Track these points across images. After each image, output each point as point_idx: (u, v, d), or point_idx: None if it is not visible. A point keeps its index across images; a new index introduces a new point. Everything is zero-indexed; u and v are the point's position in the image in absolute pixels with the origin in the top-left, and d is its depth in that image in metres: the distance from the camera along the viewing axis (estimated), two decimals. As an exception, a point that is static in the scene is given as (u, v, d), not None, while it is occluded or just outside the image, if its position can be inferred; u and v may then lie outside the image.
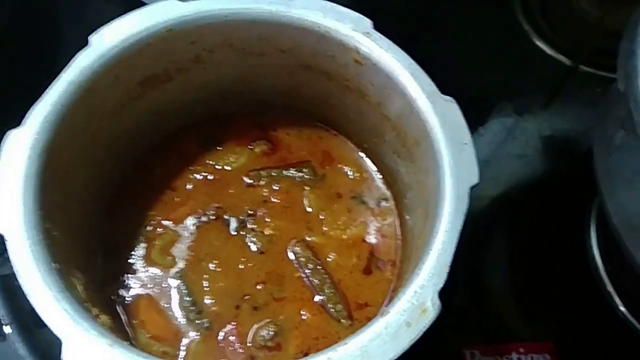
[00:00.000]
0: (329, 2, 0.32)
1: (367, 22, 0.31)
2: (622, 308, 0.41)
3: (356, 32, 0.31)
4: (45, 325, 0.24)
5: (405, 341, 0.23)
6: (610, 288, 0.44)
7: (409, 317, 0.24)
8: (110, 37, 0.30)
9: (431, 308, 0.24)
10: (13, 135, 0.27)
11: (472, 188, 0.27)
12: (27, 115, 0.28)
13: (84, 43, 0.30)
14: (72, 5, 0.55)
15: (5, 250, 0.43)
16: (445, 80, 0.31)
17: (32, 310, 0.25)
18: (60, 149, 0.28)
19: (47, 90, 0.28)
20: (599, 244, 0.46)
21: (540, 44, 0.54)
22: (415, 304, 0.24)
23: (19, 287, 0.25)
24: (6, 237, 0.24)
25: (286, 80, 0.36)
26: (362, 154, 0.39)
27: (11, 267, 0.40)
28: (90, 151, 0.32)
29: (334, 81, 0.35)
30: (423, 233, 0.29)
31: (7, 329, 0.24)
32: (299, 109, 0.39)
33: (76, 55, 0.29)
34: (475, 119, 0.33)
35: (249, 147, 0.39)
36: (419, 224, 0.31)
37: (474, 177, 0.27)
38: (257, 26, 0.32)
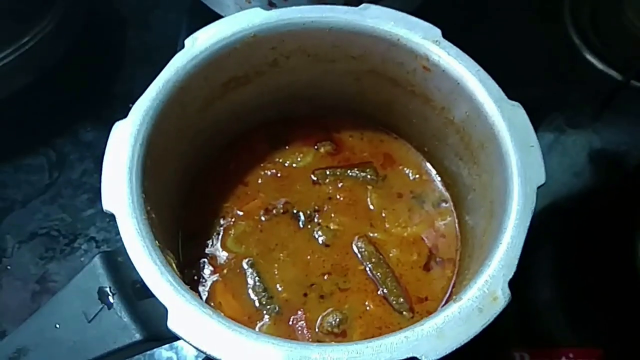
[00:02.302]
0: (400, 12, 0.34)
1: (437, 31, 0.34)
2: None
3: (426, 40, 0.33)
4: (145, 297, 0.27)
5: (477, 325, 0.25)
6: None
7: (481, 303, 0.25)
8: (203, 40, 0.33)
9: (501, 296, 0.25)
10: (119, 126, 0.30)
11: (539, 188, 0.29)
12: (132, 109, 0.31)
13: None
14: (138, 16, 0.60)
15: (96, 233, 0.46)
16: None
17: (133, 283, 0.28)
18: (156, 140, 0.31)
19: (148, 88, 0.31)
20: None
21: (590, 57, 0.55)
22: (487, 292, 0.26)
23: (121, 262, 0.28)
24: (117, 215, 0.27)
25: (353, 85, 0.39)
26: (422, 157, 0.40)
27: (114, 244, 0.43)
28: (178, 144, 0.34)
29: (400, 87, 0.37)
30: (488, 231, 0.31)
31: (112, 299, 0.27)
32: (363, 113, 0.41)
33: (173, 58, 0.32)
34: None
35: (315, 147, 0.41)
36: (482, 223, 0.33)
37: (540, 177, 0.29)
38: (331, 33, 0.35)
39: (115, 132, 0.30)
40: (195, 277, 0.36)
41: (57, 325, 0.27)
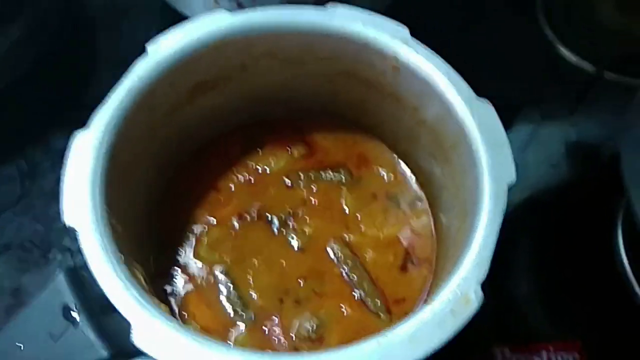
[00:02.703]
0: (368, 12, 0.34)
1: (405, 31, 0.33)
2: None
3: (395, 40, 0.33)
4: (112, 312, 0.26)
5: (450, 329, 0.25)
6: (638, 289, 0.45)
7: (454, 306, 0.25)
8: (166, 45, 0.32)
9: (474, 298, 0.25)
10: (79, 136, 0.29)
11: (510, 187, 0.28)
12: (91, 118, 0.30)
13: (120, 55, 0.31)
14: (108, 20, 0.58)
15: (70, 244, 0.45)
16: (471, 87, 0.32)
17: (99, 298, 0.27)
18: (121, 150, 0.30)
19: (108, 95, 0.30)
20: (626, 246, 0.47)
21: (564, 51, 0.56)
22: (459, 294, 0.25)
23: (86, 277, 0.28)
24: (78, 230, 0.26)
25: (325, 87, 0.38)
26: (396, 157, 0.40)
27: (78, 260, 0.42)
28: (145, 152, 0.34)
29: (372, 88, 0.37)
30: (461, 230, 0.31)
31: (78, 317, 0.26)
32: (336, 114, 0.41)
33: (134, 63, 0.32)
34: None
35: (288, 150, 0.40)
36: (456, 222, 0.33)
37: (511, 176, 0.29)
38: (300, 36, 0.34)
39: (75, 142, 0.29)
40: (168, 288, 0.35)
41: (22, 347, 0.26)
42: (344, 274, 0.36)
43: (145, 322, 0.24)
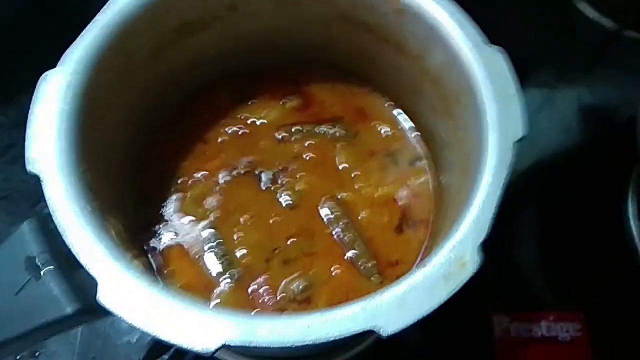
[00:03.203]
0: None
1: (410, -31, 0.30)
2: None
3: (399, -21, 0.30)
4: (79, 266, 0.24)
5: (442, 294, 0.22)
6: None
7: (447, 270, 0.23)
8: (147, -22, 0.29)
9: (470, 262, 0.23)
10: (49, 77, 0.27)
11: (519, 142, 0.26)
12: (62, 57, 0.27)
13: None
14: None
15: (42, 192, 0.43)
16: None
17: (67, 252, 0.25)
18: (95, 93, 0.28)
19: (83, 33, 0.28)
20: (636, 216, 0.44)
21: (582, 6, 0.52)
22: (454, 258, 0.23)
23: (54, 229, 0.26)
24: (42, 177, 0.24)
25: (322, 32, 0.35)
26: (397, 112, 0.37)
27: (46, 209, 0.40)
28: (125, 97, 0.31)
29: (372, 33, 0.34)
30: (462, 190, 0.28)
31: (42, 269, 0.24)
32: (334, 63, 0.38)
33: (112, -1, 0.29)
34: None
35: (281, 102, 0.38)
36: (457, 182, 0.30)
37: (520, 131, 0.26)
38: (296, -27, 0.31)
39: (43, 83, 0.27)
40: (150, 243, 0.33)
41: (-19, 298, 0.24)
42: (336, 235, 0.34)
43: (113, 279, 0.22)
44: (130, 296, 0.22)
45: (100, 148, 0.29)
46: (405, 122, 0.37)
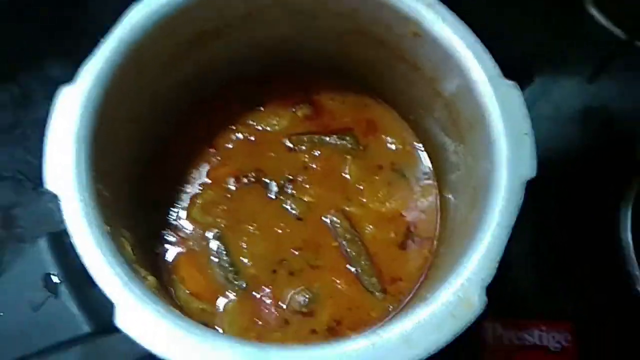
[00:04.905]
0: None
1: (432, -7, 0.30)
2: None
3: (420, 3, 0.29)
4: (95, 284, 0.25)
5: (448, 332, 0.23)
6: (637, 271, 0.44)
7: (454, 309, 0.24)
8: (164, -9, 0.29)
9: (477, 303, 0.24)
10: (66, 92, 0.27)
11: (528, 182, 0.26)
12: (79, 72, 0.27)
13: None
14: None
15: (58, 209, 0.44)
16: (491, 38, 0.29)
17: (82, 268, 0.25)
18: (111, 107, 0.28)
19: (98, 47, 0.28)
20: (631, 225, 0.45)
21: (595, 12, 0.52)
22: (461, 297, 0.24)
23: (71, 245, 0.26)
24: (60, 197, 0.25)
25: (336, 43, 0.35)
26: (407, 126, 0.38)
27: (62, 225, 0.41)
28: (137, 108, 0.31)
29: (387, 49, 0.33)
30: (469, 220, 0.29)
31: (59, 286, 0.25)
32: (346, 74, 0.38)
33: (127, 11, 0.28)
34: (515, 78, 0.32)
35: (292, 110, 0.38)
36: (464, 208, 0.31)
37: (531, 170, 0.26)
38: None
39: (60, 98, 0.26)
40: (157, 250, 0.34)
41: (1, 313, 0.25)
42: (341, 248, 0.34)
43: (130, 304, 0.23)
44: (145, 322, 0.23)
45: (114, 162, 0.29)
46: (415, 138, 0.37)
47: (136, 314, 0.23)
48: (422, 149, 0.37)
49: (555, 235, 0.47)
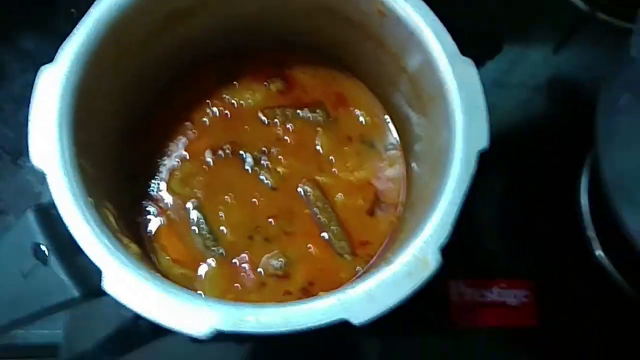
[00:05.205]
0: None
1: (395, -27, 0.31)
2: (599, 252, 0.44)
3: (384, -18, 0.31)
4: (82, 252, 0.27)
5: (406, 289, 0.26)
6: (591, 233, 0.47)
7: (411, 268, 0.26)
8: (137, -28, 0.30)
9: (432, 262, 0.26)
10: (46, 72, 0.28)
11: (481, 152, 0.29)
12: (58, 52, 0.28)
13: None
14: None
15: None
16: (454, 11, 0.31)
17: (69, 237, 0.27)
18: (91, 85, 0.29)
19: (76, 27, 0.29)
20: (588, 191, 0.48)
21: (560, -15, 0.53)
22: (418, 257, 0.27)
23: (56, 216, 0.28)
24: (47, 174, 0.26)
25: (305, 20, 0.37)
26: (375, 99, 0.40)
27: (42, 197, 0.42)
28: (116, 84, 0.32)
29: (354, 28, 0.35)
30: (429, 186, 0.31)
31: (47, 255, 0.27)
32: (316, 49, 0.39)
33: (103, -10, 0.29)
34: (479, 52, 0.33)
35: (265, 84, 0.39)
36: (426, 175, 0.33)
37: (483, 142, 0.29)
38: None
39: (42, 78, 0.28)
40: (139, 220, 0.35)
41: (-8, 281, 0.27)
42: (313, 215, 0.37)
43: (116, 269, 0.25)
44: (131, 285, 0.25)
45: (94, 137, 0.30)
46: (382, 110, 0.39)
47: (122, 278, 0.25)
48: (390, 121, 0.39)
49: (520, 200, 0.49)
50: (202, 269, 0.35)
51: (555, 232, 0.48)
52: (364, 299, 0.26)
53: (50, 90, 0.27)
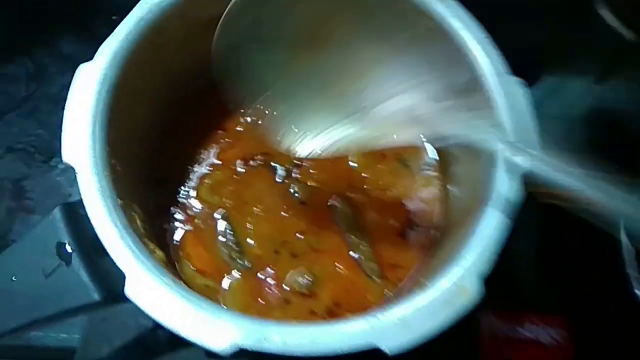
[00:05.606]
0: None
1: (444, -14, 0.30)
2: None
3: (433, -4, 0.30)
4: (106, 254, 0.26)
5: (444, 318, 0.24)
6: (632, 271, 0.44)
7: (450, 296, 0.25)
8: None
9: (474, 292, 0.25)
10: (84, 69, 0.27)
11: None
12: (98, 50, 0.28)
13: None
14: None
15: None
16: (500, 36, 0.30)
17: (94, 238, 0.26)
18: (127, 85, 0.29)
19: (118, 27, 0.28)
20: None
21: (605, 13, 0.52)
22: (460, 286, 0.25)
23: (83, 216, 0.27)
24: (77, 170, 0.25)
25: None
26: (412, 117, 0.38)
27: (70, 197, 0.42)
28: (152, 87, 0.32)
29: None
30: (471, 212, 0.30)
31: (71, 256, 0.26)
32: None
33: (146, -9, 0.29)
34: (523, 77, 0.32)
35: (301, 95, 0.39)
36: (466, 200, 0.32)
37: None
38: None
39: (79, 75, 0.27)
40: (165, 226, 0.35)
41: (14, 278, 0.26)
42: (343, 233, 0.35)
43: (139, 275, 0.24)
44: (154, 293, 0.24)
45: (127, 138, 0.30)
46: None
47: (145, 284, 0.24)
48: (426, 140, 0.38)
49: (559, 231, 0.47)
50: (226, 282, 0.34)
51: (594, 267, 0.46)
52: (398, 325, 0.24)
53: (87, 86, 0.27)
